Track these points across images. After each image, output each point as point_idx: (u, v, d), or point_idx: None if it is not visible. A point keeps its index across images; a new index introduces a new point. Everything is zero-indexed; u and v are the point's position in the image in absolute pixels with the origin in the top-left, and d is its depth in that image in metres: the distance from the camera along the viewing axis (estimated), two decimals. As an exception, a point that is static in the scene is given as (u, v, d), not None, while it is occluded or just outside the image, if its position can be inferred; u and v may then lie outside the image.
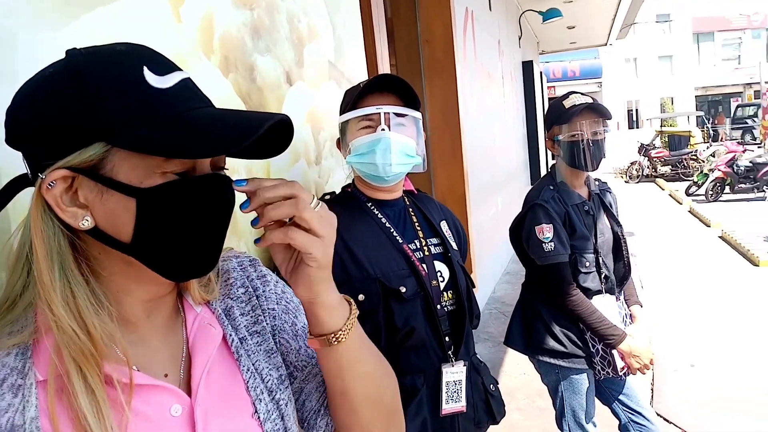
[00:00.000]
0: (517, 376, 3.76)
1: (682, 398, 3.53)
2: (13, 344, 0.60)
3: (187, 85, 0.64)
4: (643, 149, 15.91)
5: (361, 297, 1.37)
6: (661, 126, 18.96)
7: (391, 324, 1.39)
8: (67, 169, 0.59)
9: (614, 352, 2.04)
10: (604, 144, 2.08)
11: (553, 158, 2.26)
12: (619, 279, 2.20)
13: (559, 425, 2.23)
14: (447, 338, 1.45)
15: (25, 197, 0.64)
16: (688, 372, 3.89)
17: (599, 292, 2.09)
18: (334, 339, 0.70)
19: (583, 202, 2.15)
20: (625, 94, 29.13)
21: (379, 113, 1.38)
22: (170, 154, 0.59)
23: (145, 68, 0.60)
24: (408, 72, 4.28)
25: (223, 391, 0.72)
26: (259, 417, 0.73)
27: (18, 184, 0.63)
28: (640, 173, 15.58)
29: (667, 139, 16.26)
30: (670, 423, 3.26)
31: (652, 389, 3.68)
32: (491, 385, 1.56)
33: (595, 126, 2.06)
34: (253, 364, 0.76)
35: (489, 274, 5.63)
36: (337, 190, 1.62)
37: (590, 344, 2.08)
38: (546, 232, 2.01)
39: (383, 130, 1.37)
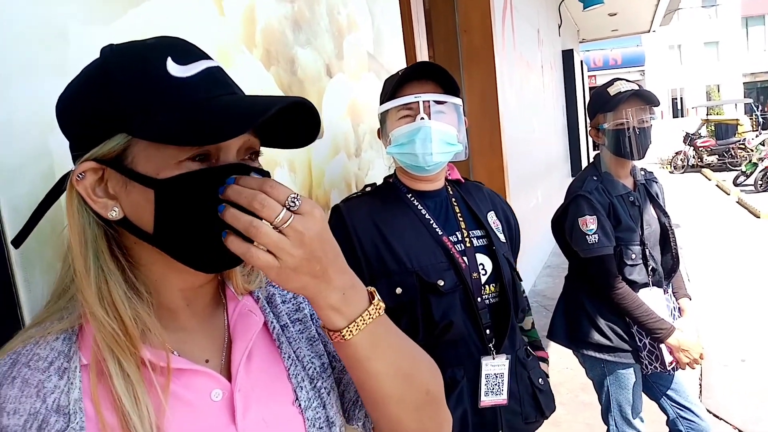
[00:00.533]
0: (561, 371, 3.71)
1: (732, 393, 3.42)
2: (61, 329, 0.63)
3: (212, 73, 0.64)
4: (689, 138, 15.47)
5: (398, 290, 1.36)
6: (707, 114, 18.39)
7: (429, 317, 1.37)
8: (94, 161, 0.61)
9: (662, 346, 1.99)
10: (650, 132, 2.03)
11: (596, 148, 2.21)
12: (667, 271, 2.13)
13: (605, 420, 2.19)
14: (488, 331, 1.42)
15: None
16: (738, 367, 3.77)
17: (646, 284, 2.04)
18: (335, 337, 0.68)
19: (629, 192, 2.09)
20: (669, 82, 28.30)
21: (418, 102, 1.36)
22: (178, 141, 0.59)
23: (168, 58, 0.61)
24: (446, 62, 4.24)
25: (264, 378, 0.73)
26: (300, 404, 0.73)
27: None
28: (686, 163, 15.17)
29: (713, 128, 15.79)
30: (720, 419, 3.16)
31: (700, 384, 3.58)
32: (540, 379, 1.53)
33: (642, 113, 2.01)
34: (294, 352, 0.76)
35: (529, 268, 5.56)
36: (378, 182, 1.62)
37: (637, 338, 2.03)
38: (590, 223, 1.97)
39: (422, 118, 1.36)
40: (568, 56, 9.17)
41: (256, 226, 0.58)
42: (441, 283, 1.37)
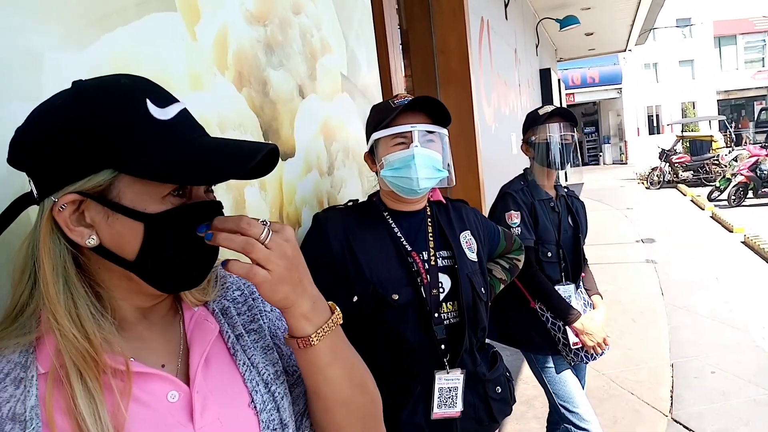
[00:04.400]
0: (536, 385, 3.73)
1: (702, 405, 3.50)
2: (18, 343, 0.67)
3: (185, 115, 0.71)
4: (664, 155, 15.74)
5: (355, 298, 1.46)
6: (683, 131, 18.73)
7: (383, 327, 1.47)
8: (77, 194, 0.65)
9: (569, 334, 2.22)
10: (571, 147, 2.34)
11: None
12: (576, 273, 2.38)
13: (556, 413, 2.34)
14: (443, 346, 1.50)
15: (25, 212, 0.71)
16: (708, 379, 3.85)
17: (559, 281, 2.31)
18: (303, 343, 0.77)
19: (550, 199, 2.39)
20: (646, 99, 28.76)
21: (412, 131, 1.47)
22: (174, 180, 0.66)
23: (148, 101, 0.67)
24: (423, 83, 4.33)
25: (221, 382, 0.78)
26: (255, 407, 0.78)
27: (23, 203, 0.70)
28: (662, 179, 15.41)
29: (688, 144, 16.08)
30: (690, 430, 3.23)
31: (671, 396, 3.65)
32: (497, 388, 1.60)
33: (564, 129, 2.33)
34: (249, 359, 0.81)
35: (507, 282, 5.62)
36: (349, 199, 1.68)
37: (552, 334, 2.27)
38: (514, 217, 2.25)
39: (416, 146, 1.47)
40: (545, 75, 9.35)
41: (251, 243, 0.68)
42: (395, 297, 1.46)
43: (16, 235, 0.73)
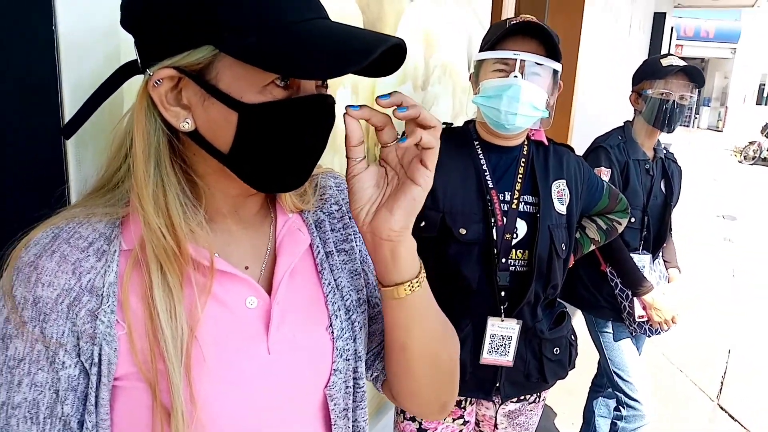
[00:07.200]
0: (588, 340, 3.69)
1: (753, 398, 3.35)
2: (106, 213, 0.63)
3: None
4: (767, 129, 14.63)
5: (422, 223, 1.39)
6: (795, 107, 17.23)
7: (443, 259, 1.40)
8: (175, 69, 0.58)
9: (636, 305, 2.09)
10: (686, 111, 2.11)
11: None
12: (657, 243, 2.24)
13: (609, 381, 2.28)
14: (503, 293, 1.42)
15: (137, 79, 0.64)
16: (766, 372, 3.68)
17: (636, 249, 2.15)
18: (409, 288, 0.69)
19: (647, 160, 2.18)
20: (761, 65, 26.51)
21: (516, 59, 1.32)
22: (277, 69, 0.56)
23: None
24: (531, 7, 4.03)
25: (302, 298, 0.73)
26: (332, 332, 0.73)
27: (128, 71, 0.64)
28: (758, 155, 14.41)
29: (797, 123, 14.86)
30: (735, 420, 3.12)
31: (722, 382, 3.52)
32: (555, 349, 1.52)
33: (686, 89, 2.08)
34: (335, 280, 0.76)
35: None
36: (444, 122, 1.58)
37: (618, 300, 2.15)
38: (604, 174, 2.05)
39: (515, 76, 1.32)
40: (659, 20, 8.61)
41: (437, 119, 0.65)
42: (462, 231, 1.39)
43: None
